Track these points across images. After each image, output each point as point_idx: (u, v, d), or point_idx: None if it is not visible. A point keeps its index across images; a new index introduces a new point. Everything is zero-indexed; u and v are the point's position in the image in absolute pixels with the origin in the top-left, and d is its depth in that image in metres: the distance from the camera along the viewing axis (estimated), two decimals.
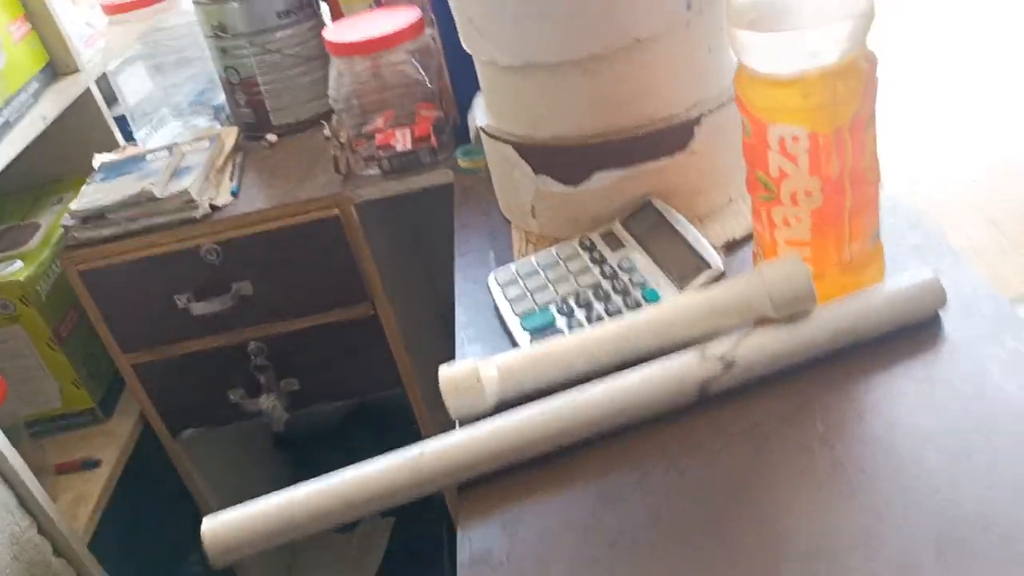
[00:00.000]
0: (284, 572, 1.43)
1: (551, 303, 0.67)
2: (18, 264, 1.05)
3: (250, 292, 1.04)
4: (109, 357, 1.10)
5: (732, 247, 0.71)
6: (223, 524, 0.52)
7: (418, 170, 1.00)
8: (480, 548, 0.50)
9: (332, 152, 1.00)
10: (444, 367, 0.58)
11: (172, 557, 1.28)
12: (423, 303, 1.07)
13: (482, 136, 0.79)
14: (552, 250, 0.73)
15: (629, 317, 0.60)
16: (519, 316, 0.66)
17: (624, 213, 0.73)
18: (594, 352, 0.59)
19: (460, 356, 0.67)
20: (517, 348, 0.62)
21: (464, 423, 0.57)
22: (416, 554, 1.43)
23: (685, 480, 0.50)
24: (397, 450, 0.54)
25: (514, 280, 0.71)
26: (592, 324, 0.64)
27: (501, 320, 0.68)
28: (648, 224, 0.71)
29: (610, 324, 0.60)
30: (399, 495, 0.54)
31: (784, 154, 0.54)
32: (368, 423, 1.46)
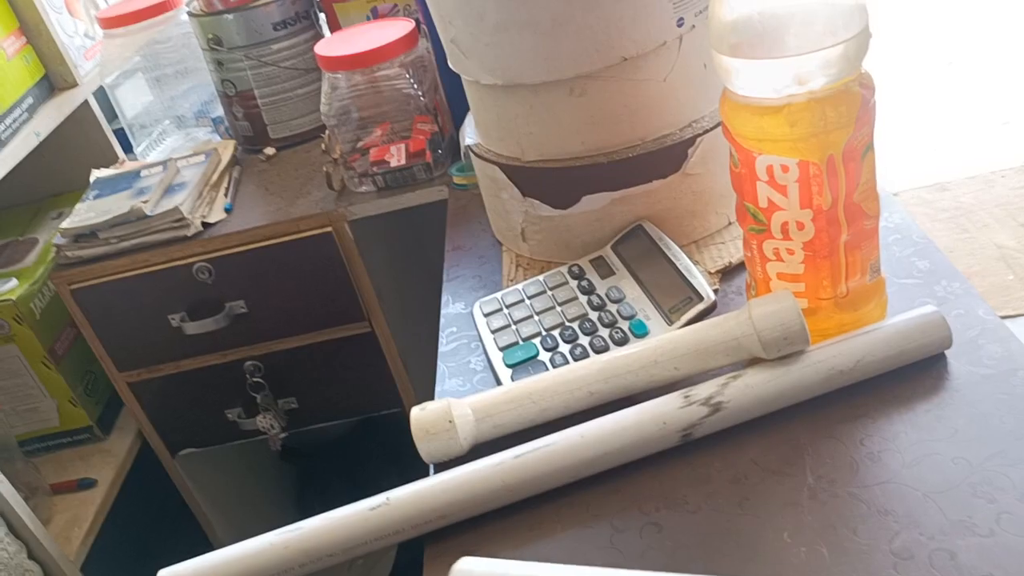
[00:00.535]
0: None
1: (536, 336, 0.64)
2: (13, 282, 1.04)
3: (244, 310, 1.02)
4: (106, 375, 1.09)
5: (728, 273, 0.68)
6: None
7: (413, 186, 0.97)
8: None
9: (325, 168, 0.97)
10: (416, 409, 0.55)
11: None
12: (420, 319, 1.04)
13: (471, 156, 0.76)
14: (540, 278, 0.69)
15: (613, 354, 0.57)
16: (502, 351, 0.63)
17: (615, 238, 0.69)
18: (575, 391, 0.56)
19: (439, 390, 0.64)
20: (495, 387, 0.59)
21: (439, 468, 0.55)
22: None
23: (662, 537, 0.47)
24: (360, 500, 0.51)
25: (499, 309, 0.68)
26: (576, 359, 0.61)
27: (485, 352, 0.65)
28: (639, 250, 0.67)
29: (594, 361, 0.57)
30: (364, 546, 0.51)
31: (773, 185, 0.50)
32: (373, 435, 1.43)
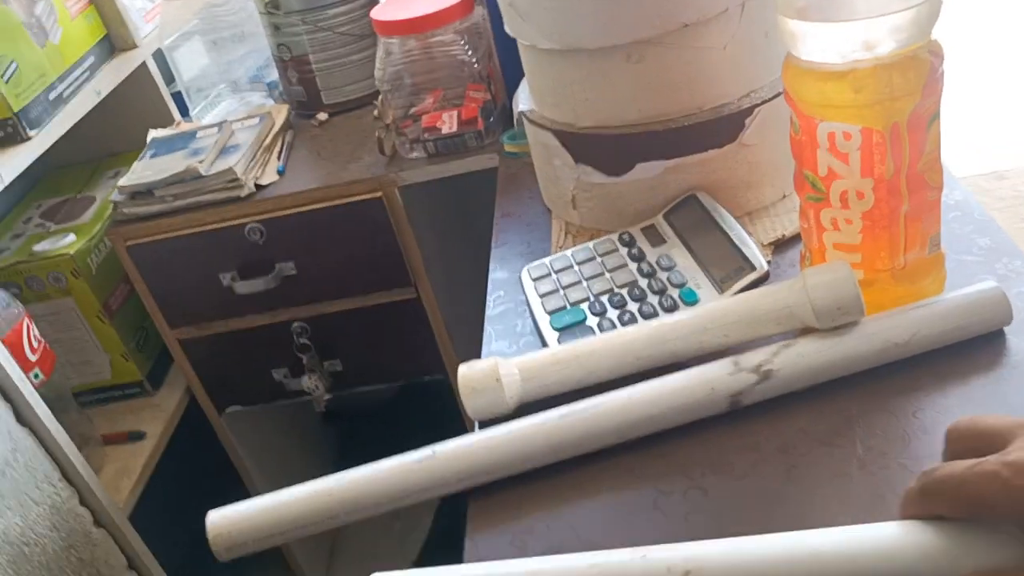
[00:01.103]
0: (327, 549, 1.44)
1: (584, 301, 0.64)
2: (71, 237, 1.07)
3: (293, 272, 1.04)
4: (158, 331, 1.11)
5: (781, 245, 0.67)
6: (228, 519, 0.51)
7: (463, 153, 0.97)
8: (487, 558, 0.47)
9: (377, 134, 0.98)
10: (463, 366, 0.56)
11: None
12: (467, 287, 1.05)
13: (524, 122, 0.76)
14: (589, 244, 0.69)
15: (662, 320, 0.56)
16: (549, 314, 0.63)
17: (667, 207, 0.69)
18: (622, 356, 0.55)
19: (486, 351, 0.64)
20: (542, 348, 0.60)
21: (483, 424, 0.55)
22: (461, 535, 1.42)
23: (707, 501, 0.47)
24: (408, 452, 0.52)
25: (548, 275, 0.68)
26: (624, 325, 0.61)
27: (532, 316, 0.66)
28: (692, 219, 0.67)
29: (642, 326, 0.57)
30: (408, 497, 0.52)
31: (834, 152, 0.49)
32: (416, 402, 1.45)
